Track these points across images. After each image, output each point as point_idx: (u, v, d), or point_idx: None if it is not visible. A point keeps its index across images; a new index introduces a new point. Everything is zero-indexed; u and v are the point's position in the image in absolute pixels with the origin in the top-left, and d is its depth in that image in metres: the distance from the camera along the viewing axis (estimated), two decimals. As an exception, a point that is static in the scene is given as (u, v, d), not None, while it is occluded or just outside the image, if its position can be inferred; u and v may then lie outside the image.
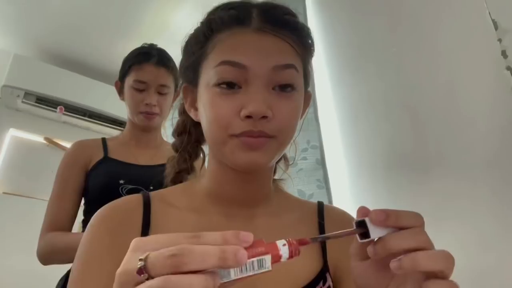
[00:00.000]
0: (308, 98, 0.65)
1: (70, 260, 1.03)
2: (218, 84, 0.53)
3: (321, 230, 0.62)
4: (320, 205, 0.66)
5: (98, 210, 0.57)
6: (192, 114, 0.62)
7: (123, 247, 0.52)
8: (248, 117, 0.50)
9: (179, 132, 0.68)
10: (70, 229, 1.12)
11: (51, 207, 1.12)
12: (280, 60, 0.54)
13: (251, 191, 0.60)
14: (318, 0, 1.63)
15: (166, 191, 0.63)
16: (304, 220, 0.63)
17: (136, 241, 0.34)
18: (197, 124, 0.64)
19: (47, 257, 1.06)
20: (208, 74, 0.55)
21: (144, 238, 0.34)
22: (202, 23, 0.59)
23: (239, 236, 0.32)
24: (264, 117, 0.51)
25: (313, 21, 1.61)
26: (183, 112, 0.67)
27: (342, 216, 0.66)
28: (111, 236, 0.54)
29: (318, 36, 1.55)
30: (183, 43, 0.63)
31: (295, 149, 0.70)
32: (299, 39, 0.58)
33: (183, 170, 0.67)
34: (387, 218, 0.38)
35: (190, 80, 0.61)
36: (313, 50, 0.62)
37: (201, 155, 0.68)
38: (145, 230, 0.55)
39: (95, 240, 0.54)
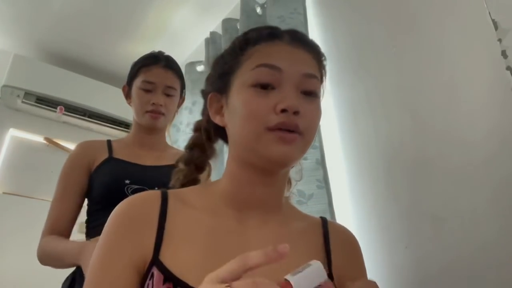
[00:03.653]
0: None
1: (60, 267, 1.07)
2: (254, 85, 0.59)
3: (326, 241, 0.67)
4: (324, 220, 0.71)
5: (118, 205, 0.60)
6: (217, 120, 0.66)
7: (140, 234, 0.56)
8: (283, 111, 0.56)
9: (192, 146, 0.72)
10: (69, 231, 1.14)
11: (52, 210, 1.14)
12: (309, 69, 0.62)
13: (268, 194, 0.63)
14: (318, 0, 1.64)
15: (184, 190, 0.66)
16: (310, 230, 0.68)
17: (210, 276, 0.37)
18: (211, 141, 0.71)
19: (42, 259, 1.10)
20: (244, 77, 0.61)
21: (214, 273, 0.37)
22: (237, 40, 0.67)
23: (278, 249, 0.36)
24: (296, 112, 0.57)
25: (313, 21, 1.61)
26: (199, 129, 0.72)
27: (347, 233, 0.72)
28: (129, 225, 0.57)
29: (318, 36, 1.55)
30: (215, 58, 0.70)
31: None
32: (320, 58, 0.67)
33: (190, 182, 0.70)
34: None
35: (218, 88, 0.66)
36: (326, 72, 0.70)
37: (207, 169, 0.72)
38: (161, 225, 0.58)
39: (114, 231, 0.57)
